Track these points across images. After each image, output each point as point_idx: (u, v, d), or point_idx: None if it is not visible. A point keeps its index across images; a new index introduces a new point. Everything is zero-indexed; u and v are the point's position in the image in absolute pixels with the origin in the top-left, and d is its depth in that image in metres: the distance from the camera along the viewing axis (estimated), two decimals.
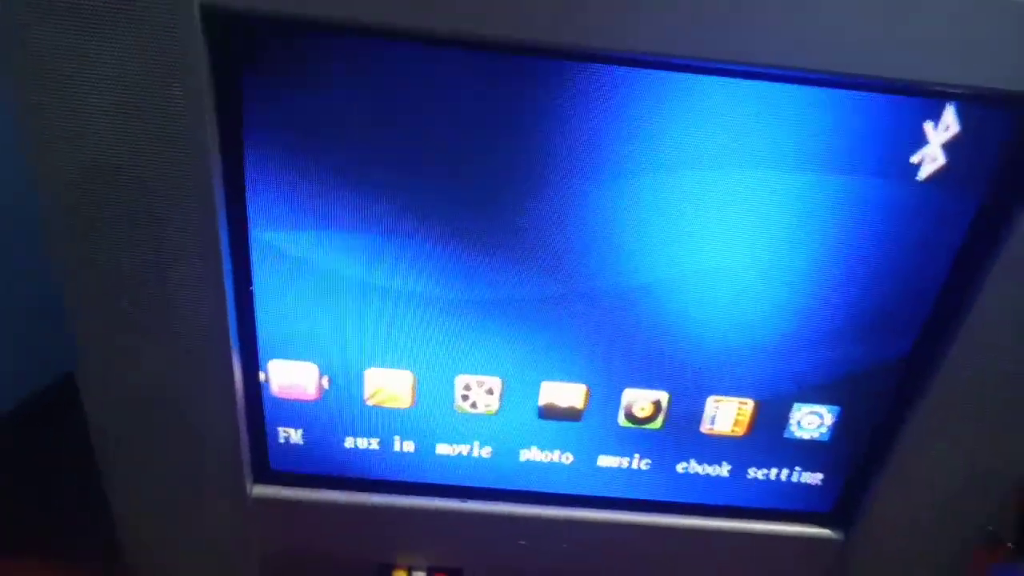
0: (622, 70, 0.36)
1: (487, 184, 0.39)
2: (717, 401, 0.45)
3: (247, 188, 0.39)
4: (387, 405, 0.46)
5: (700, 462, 0.48)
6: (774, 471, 0.48)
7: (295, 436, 0.47)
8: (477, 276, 0.41)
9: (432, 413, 0.46)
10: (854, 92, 0.37)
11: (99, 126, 0.35)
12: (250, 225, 0.40)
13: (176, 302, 0.39)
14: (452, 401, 0.45)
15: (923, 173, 0.39)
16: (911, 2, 0.34)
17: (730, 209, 0.39)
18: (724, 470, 0.48)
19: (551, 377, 0.45)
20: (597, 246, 0.40)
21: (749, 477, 0.48)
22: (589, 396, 0.45)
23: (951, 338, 0.42)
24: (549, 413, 0.46)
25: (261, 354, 0.44)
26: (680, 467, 0.48)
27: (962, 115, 0.37)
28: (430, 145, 0.38)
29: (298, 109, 0.37)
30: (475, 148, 0.38)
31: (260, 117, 0.37)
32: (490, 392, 0.45)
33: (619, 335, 0.43)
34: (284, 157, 0.38)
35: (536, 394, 0.45)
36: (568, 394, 0.45)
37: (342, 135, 0.38)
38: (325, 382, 0.45)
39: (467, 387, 0.45)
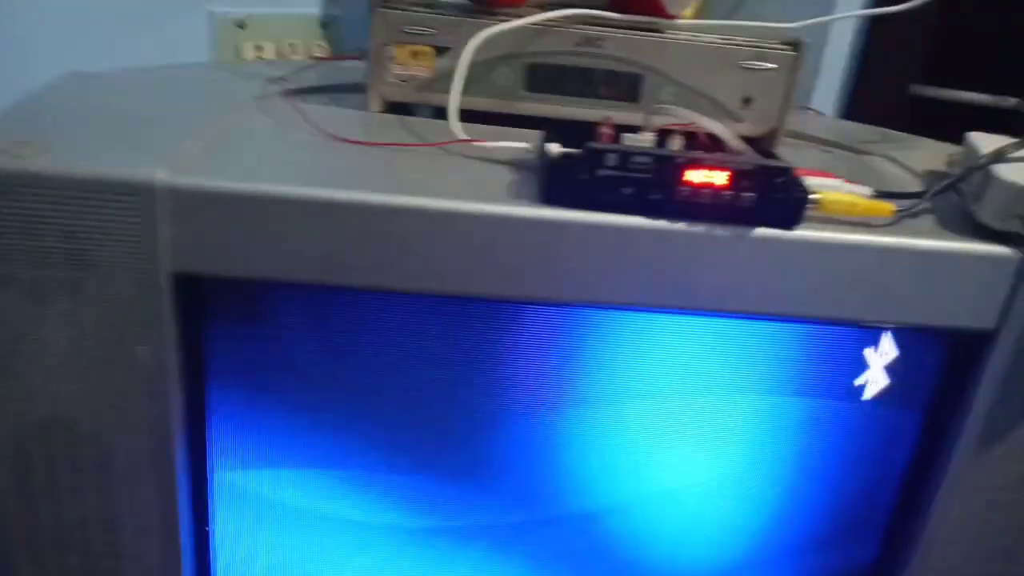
0: (581, 310, 0.37)
1: (451, 417, 0.39)
2: None
3: (209, 431, 0.38)
4: None
5: None
6: None
7: None
8: (445, 505, 0.41)
9: None
10: (801, 323, 0.39)
11: (58, 383, 0.35)
12: (210, 467, 0.39)
13: (127, 552, 0.38)
14: None
15: (867, 394, 0.40)
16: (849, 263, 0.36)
17: (690, 433, 0.40)
18: None
19: None
20: (563, 472, 0.40)
21: None
22: None
23: (912, 547, 0.42)
24: None
25: None
26: None
27: (899, 340, 0.39)
28: (392, 382, 0.38)
29: (262, 355, 0.37)
30: (437, 384, 0.38)
31: (224, 365, 0.37)
32: None
33: (588, 557, 0.43)
34: (248, 400, 0.38)
35: None
36: None
37: (305, 377, 0.38)
38: None
39: None
